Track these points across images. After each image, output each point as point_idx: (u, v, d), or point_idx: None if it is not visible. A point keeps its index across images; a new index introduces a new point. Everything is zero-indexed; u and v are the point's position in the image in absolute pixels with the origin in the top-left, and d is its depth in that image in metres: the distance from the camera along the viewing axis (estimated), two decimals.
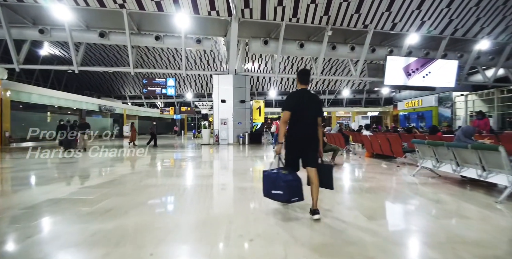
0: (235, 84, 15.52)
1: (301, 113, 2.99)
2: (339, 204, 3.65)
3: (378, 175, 5.72)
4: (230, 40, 14.63)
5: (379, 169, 6.52)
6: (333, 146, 7.14)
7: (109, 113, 24.94)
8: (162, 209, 3.60)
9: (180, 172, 6.37)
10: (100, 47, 28.28)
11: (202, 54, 27.86)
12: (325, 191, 3.32)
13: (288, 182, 2.95)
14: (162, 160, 8.78)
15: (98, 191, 4.30)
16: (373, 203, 3.72)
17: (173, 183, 5.04)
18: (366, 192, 4.30)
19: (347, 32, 16.25)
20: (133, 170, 6.50)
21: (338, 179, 5.35)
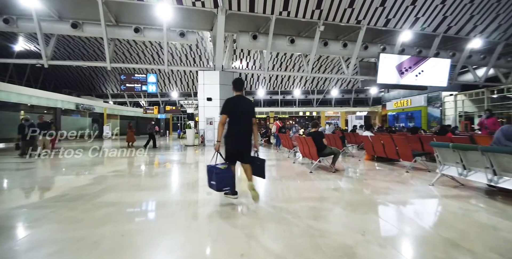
0: (222, 81, 14.38)
1: (237, 116, 3.48)
2: (367, 234, 2.61)
3: (392, 185, 4.75)
4: (217, 34, 13.49)
5: (389, 176, 5.57)
6: (333, 149, 6.15)
7: (88, 112, 23.24)
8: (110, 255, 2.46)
9: (152, 183, 5.18)
10: (79, 43, 26.54)
11: (188, 52, 26.53)
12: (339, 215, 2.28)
13: (220, 174, 3.37)
14: (134, 165, 7.55)
15: (33, 215, 3.12)
16: (410, 230, 2.71)
17: (139, 200, 3.89)
18: (392, 215, 3.30)
19: (339, 28, 15.41)
20: (94, 180, 5.29)
21: (351, 192, 4.35)
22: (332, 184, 4.81)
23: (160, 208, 3.48)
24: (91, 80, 33.45)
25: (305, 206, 3.47)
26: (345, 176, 5.62)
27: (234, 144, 3.52)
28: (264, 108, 32.14)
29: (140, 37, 13.82)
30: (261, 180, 4.90)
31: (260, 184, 4.70)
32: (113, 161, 8.38)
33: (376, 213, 3.26)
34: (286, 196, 4.01)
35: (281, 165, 7.17)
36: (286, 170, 6.37)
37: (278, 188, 4.55)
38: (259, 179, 3.99)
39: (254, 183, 3.65)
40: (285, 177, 5.45)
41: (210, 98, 14.15)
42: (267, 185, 4.74)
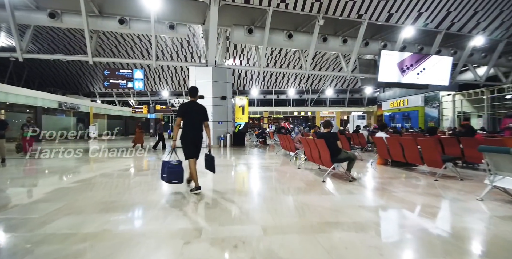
0: (215, 78, 13.22)
1: (190, 119, 3.96)
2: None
3: (432, 200, 3.72)
4: (209, 27, 12.33)
5: (420, 187, 4.56)
6: (349, 154, 5.12)
7: (72, 111, 21.70)
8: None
9: (128, 197, 4.00)
10: (64, 39, 24.95)
11: (179, 49, 25.21)
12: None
13: (171, 168, 3.87)
14: (112, 171, 6.34)
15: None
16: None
17: (102, 230, 2.74)
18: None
19: (338, 23, 14.48)
20: (53, 194, 4.11)
21: (389, 214, 3.30)
22: (357, 200, 3.76)
23: (128, 246, 2.34)
24: (77, 78, 31.73)
25: (342, 239, 2.39)
26: (367, 186, 4.58)
27: (188, 143, 4.01)
28: (258, 108, 31.02)
29: (125, 29, 12.55)
30: (270, 196, 3.87)
31: (269, 201, 3.62)
32: (90, 166, 7.15)
33: (449, 255, 2.20)
34: (307, 220, 2.92)
35: (285, 172, 6.09)
36: (293, 179, 5.30)
37: (291, 205, 3.47)
38: None
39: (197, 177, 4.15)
40: (294, 189, 4.38)
41: (202, 96, 12.95)
42: (275, 201, 3.66)
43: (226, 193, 4.11)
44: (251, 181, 5.21)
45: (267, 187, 4.52)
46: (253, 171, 6.32)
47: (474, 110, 19.17)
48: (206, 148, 4.32)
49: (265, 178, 5.36)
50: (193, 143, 4.03)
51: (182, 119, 3.93)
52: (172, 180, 3.88)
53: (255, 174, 5.86)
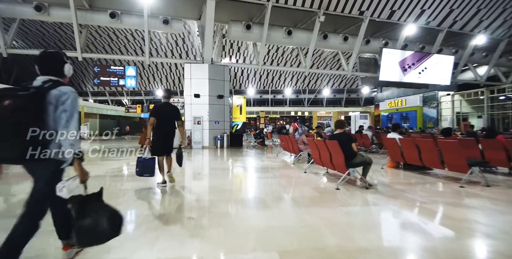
0: (212, 75, 12.55)
1: (162, 119, 4.17)
2: None
3: (468, 213, 3.15)
4: (206, 23, 11.67)
5: (447, 196, 3.99)
6: (365, 157, 4.52)
7: None
8: None
9: None
10: (55, 36, 24.03)
11: (174, 47, 24.46)
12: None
13: (143, 163, 4.00)
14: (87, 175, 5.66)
15: None
16: None
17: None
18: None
19: (339, 20, 13.95)
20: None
21: (429, 235, 2.70)
22: (386, 215, 3.16)
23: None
24: (69, 77, 30.69)
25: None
26: (389, 195, 3.97)
27: (159, 141, 4.18)
28: (254, 108, 30.35)
29: (117, 23, 11.80)
30: (281, 209, 3.22)
31: (281, 216, 3.00)
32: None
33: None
34: (335, 245, 2.30)
35: (290, 176, 5.47)
36: (302, 185, 4.69)
37: (309, 222, 2.84)
38: None
39: (172, 173, 4.45)
40: (307, 199, 3.76)
41: (198, 94, 12.29)
42: (289, 216, 3.04)
43: (227, 204, 3.48)
44: (254, 189, 4.58)
45: (274, 196, 3.89)
46: (254, 175, 5.69)
47: (474, 111, 18.85)
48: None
49: (270, 185, 4.73)
50: (162, 142, 4.21)
51: (155, 119, 4.14)
52: (144, 173, 4.06)
53: (258, 180, 5.23)
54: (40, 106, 1.64)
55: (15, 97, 1.59)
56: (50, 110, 1.68)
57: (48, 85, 1.71)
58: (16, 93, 1.60)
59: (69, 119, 1.69)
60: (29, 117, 1.59)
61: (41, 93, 1.66)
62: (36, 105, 1.62)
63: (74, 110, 1.73)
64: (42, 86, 1.70)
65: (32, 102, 1.61)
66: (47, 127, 1.67)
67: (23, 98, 1.59)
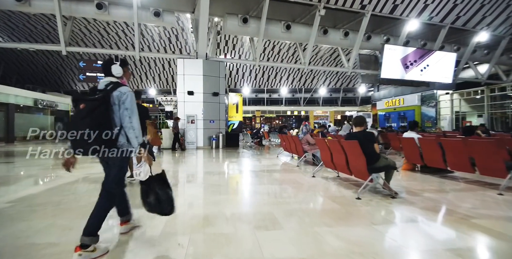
0: (206, 71, 11.72)
1: None
2: None
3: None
4: (200, 16, 10.85)
5: (493, 207, 3.26)
6: (389, 160, 3.78)
7: (50, 109, 19.67)
8: None
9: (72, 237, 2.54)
10: (43, 32, 22.88)
11: (167, 44, 23.51)
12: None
13: None
14: (45, 183, 4.81)
15: None
16: None
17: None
18: None
19: (339, 15, 13.27)
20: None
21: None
22: (433, 237, 2.41)
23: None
24: (58, 75, 29.43)
25: None
26: (422, 207, 3.22)
27: None
28: (250, 107, 29.49)
29: (104, 15, 10.88)
30: (299, 231, 2.39)
31: (301, 242, 2.21)
32: (27, 177, 5.57)
33: None
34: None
35: (298, 182, 4.70)
36: (315, 194, 3.94)
37: (340, 252, 2.07)
38: None
39: None
40: (324, 213, 3.00)
41: (191, 91, 11.45)
42: (311, 240, 2.26)
43: (226, 221, 2.69)
44: (258, 199, 3.77)
45: (285, 210, 3.11)
46: (256, 181, 4.90)
47: (473, 110, 18.39)
48: None
49: (276, 194, 3.94)
50: None
51: None
52: None
53: (261, 187, 4.43)
54: (107, 107, 1.91)
55: (87, 100, 1.87)
56: (115, 109, 1.96)
57: (110, 88, 1.98)
58: (87, 97, 1.90)
59: (131, 115, 1.97)
60: (100, 116, 1.86)
61: (106, 96, 1.92)
62: (104, 106, 1.89)
63: (133, 107, 2.00)
64: (106, 89, 1.98)
65: (101, 104, 1.88)
66: (114, 124, 1.96)
67: (94, 101, 1.87)
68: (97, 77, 10.87)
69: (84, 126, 1.82)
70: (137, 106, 4.73)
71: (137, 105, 4.81)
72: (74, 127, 1.85)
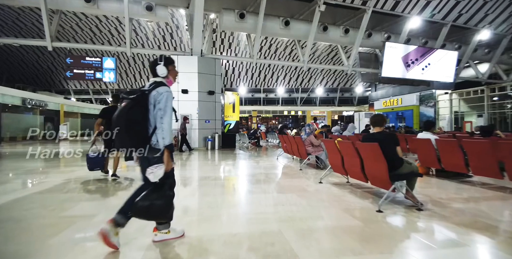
0: (202, 69, 11.11)
1: (111, 119, 3.50)
2: None
3: None
4: (195, 11, 10.24)
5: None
6: (413, 166, 3.24)
7: (39, 109, 18.85)
8: None
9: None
10: (33, 29, 22.06)
11: (162, 42, 22.81)
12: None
13: (91, 158, 4.66)
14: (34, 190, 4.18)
15: None
16: None
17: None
18: None
19: (338, 12, 12.79)
20: None
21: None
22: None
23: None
24: (49, 74, 28.50)
25: None
26: (459, 223, 2.68)
27: (107, 139, 4.53)
28: (246, 107, 28.86)
29: (93, 9, 10.18)
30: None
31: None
32: (22, 180, 4.91)
33: None
34: None
35: (304, 190, 4.12)
36: (326, 205, 3.36)
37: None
38: None
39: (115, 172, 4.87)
40: (345, 233, 2.42)
41: (186, 90, 10.83)
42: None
43: (227, 247, 2.10)
44: (262, 212, 3.18)
45: (299, 229, 2.51)
46: (257, 189, 4.31)
47: (473, 110, 18.04)
48: None
49: (283, 205, 3.33)
50: (110, 140, 4.42)
51: (102, 120, 4.65)
52: (94, 168, 4.65)
53: (263, 196, 3.83)
54: (142, 106, 1.94)
55: (129, 99, 1.95)
56: (151, 109, 1.97)
57: (151, 87, 2.02)
58: (130, 95, 1.96)
59: (163, 116, 1.95)
60: (135, 115, 1.92)
61: (145, 95, 1.97)
62: (139, 106, 1.94)
63: (167, 107, 1.97)
64: (147, 89, 2.02)
65: (136, 103, 1.93)
66: (150, 123, 1.97)
67: (133, 100, 1.94)
68: (86, 75, 10.18)
69: (121, 124, 1.89)
70: (114, 108, 4.74)
71: (114, 107, 4.47)
72: (115, 125, 1.92)
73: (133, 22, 21.11)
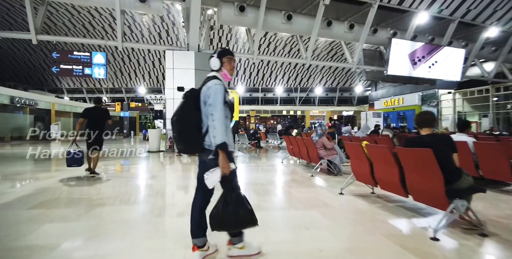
0: (198, 65, 10.30)
1: (92, 119, 4.92)
2: None
3: None
4: (191, 4, 9.45)
5: None
6: (470, 178, 2.50)
7: (29, 108, 17.88)
8: None
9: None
10: (23, 25, 21.05)
11: (157, 40, 21.97)
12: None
13: (73, 156, 4.65)
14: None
15: None
16: None
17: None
18: None
19: (342, 7, 12.09)
20: None
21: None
22: None
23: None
24: (41, 72, 27.49)
25: None
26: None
27: (88, 138, 4.83)
28: (244, 106, 28.07)
29: (83, 0, 9.36)
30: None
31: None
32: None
33: None
34: None
35: (324, 203, 3.37)
36: (358, 229, 2.62)
37: None
38: None
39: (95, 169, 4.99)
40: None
41: (182, 87, 10.02)
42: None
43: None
44: (281, 245, 2.44)
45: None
46: (269, 203, 3.52)
47: (477, 109, 17.48)
48: None
49: (309, 231, 2.59)
50: (92, 138, 4.80)
51: (84, 120, 4.87)
52: (72, 165, 4.71)
53: (280, 215, 3.06)
54: (193, 104, 1.78)
55: (184, 97, 1.84)
56: (202, 107, 1.78)
57: (203, 83, 1.84)
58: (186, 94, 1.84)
59: (213, 112, 1.71)
60: (186, 114, 1.78)
61: (195, 92, 1.82)
62: (189, 103, 1.78)
63: (217, 102, 1.72)
64: (200, 86, 1.84)
65: (187, 101, 1.80)
66: (202, 122, 1.78)
67: (185, 98, 1.83)
68: (73, 70, 9.32)
69: (175, 124, 1.80)
70: (96, 109, 4.96)
71: (96, 108, 4.98)
72: (173, 128, 1.85)
73: (127, 18, 20.23)
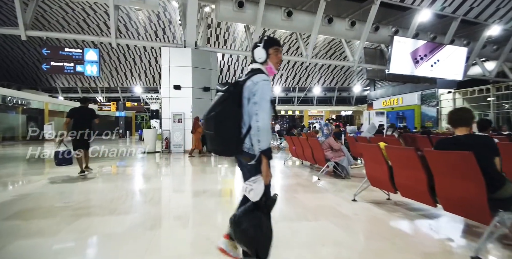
0: (196, 63, 9.89)
1: (77, 119, 4.92)
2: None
3: None
4: (188, 1, 9.07)
5: None
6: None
7: (21, 107, 17.35)
8: None
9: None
10: (16, 23, 20.46)
11: (154, 38, 21.48)
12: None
13: (59, 154, 4.69)
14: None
15: None
16: None
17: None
18: None
19: (343, 4, 11.78)
20: None
21: None
22: None
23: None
24: (35, 71, 26.84)
25: None
26: None
27: (75, 138, 4.86)
28: None
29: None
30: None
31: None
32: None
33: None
34: None
35: (342, 215, 2.99)
36: (385, 247, 2.25)
37: None
38: None
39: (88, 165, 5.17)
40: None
41: (178, 86, 9.61)
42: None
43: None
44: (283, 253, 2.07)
45: None
46: (274, 212, 3.19)
47: (478, 109, 17.25)
48: None
49: (323, 246, 2.23)
50: (78, 138, 4.84)
51: (71, 119, 4.86)
52: (62, 164, 4.72)
53: (289, 227, 2.71)
54: (233, 101, 1.52)
55: (220, 92, 1.56)
56: (245, 104, 1.53)
57: (246, 77, 1.58)
58: (223, 88, 1.57)
59: (258, 112, 1.47)
60: (224, 112, 1.50)
61: (238, 87, 1.54)
62: (230, 100, 1.52)
63: (264, 101, 1.48)
64: (242, 79, 1.58)
65: (227, 97, 1.52)
66: (243, 122, 1.53)
67: (224, 93, 1.54)
68: (64, 68, 8.86)
69: (211, 122, 1.51)
70: (82, 109, 4.96)
71: (82, 108, 4.98)
72: (205, 127, 1.60)
73: (123, 16, 19.70)
